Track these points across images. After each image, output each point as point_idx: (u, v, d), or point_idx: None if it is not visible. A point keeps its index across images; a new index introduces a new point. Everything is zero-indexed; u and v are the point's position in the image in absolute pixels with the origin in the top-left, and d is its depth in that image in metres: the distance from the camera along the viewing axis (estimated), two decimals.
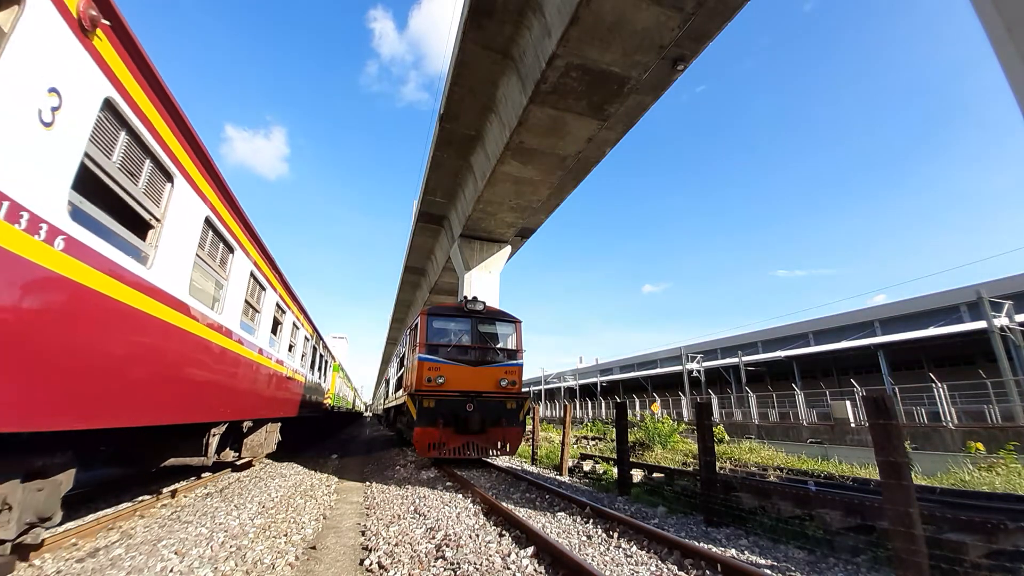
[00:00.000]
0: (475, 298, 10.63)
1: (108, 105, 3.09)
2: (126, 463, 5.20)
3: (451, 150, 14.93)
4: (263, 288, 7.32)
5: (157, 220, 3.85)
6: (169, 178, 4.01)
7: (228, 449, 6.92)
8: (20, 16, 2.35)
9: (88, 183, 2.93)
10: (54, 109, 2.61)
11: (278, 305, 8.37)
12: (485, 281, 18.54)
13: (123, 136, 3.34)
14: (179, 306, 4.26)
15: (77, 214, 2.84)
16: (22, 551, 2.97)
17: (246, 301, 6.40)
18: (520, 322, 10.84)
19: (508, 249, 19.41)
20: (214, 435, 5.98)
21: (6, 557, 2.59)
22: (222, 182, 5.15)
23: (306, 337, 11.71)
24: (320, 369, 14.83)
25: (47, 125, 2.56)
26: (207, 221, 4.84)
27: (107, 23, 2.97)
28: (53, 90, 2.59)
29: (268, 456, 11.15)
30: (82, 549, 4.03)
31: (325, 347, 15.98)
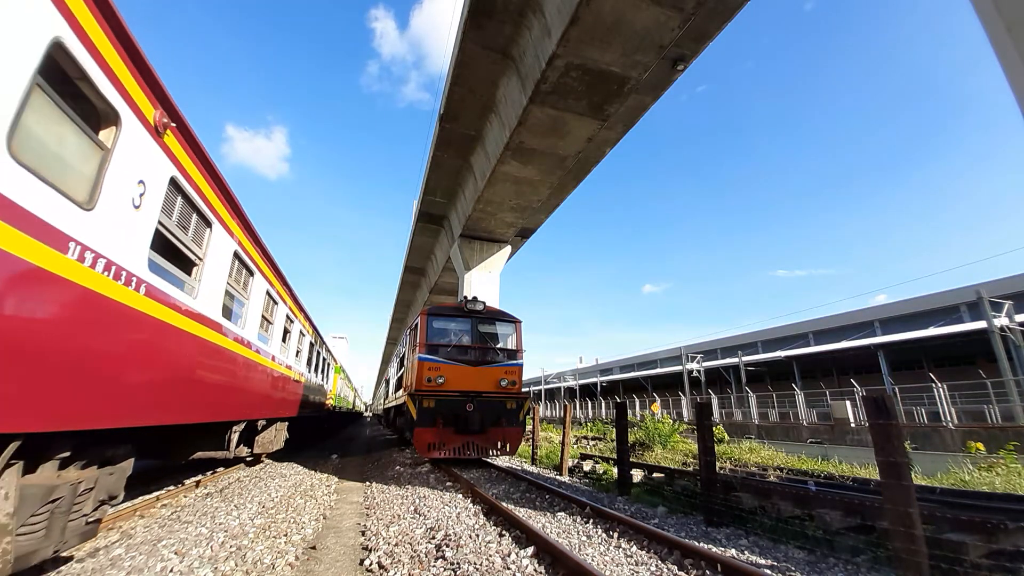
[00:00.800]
0: (475, 298, 10.63)
1: (172, 182, 3.99)
2: (163, 456, 5.93)
3: (451, 150, 14.93)
4: (275, 302, 8.19)
5: (200, 259, 4.76)
6: (208, 224, 4.87)
7: (242, 445, 7.51)
8: (119, 133, 3.13)
9: (158, 241, 3.83)
10: (141, 195, 3.47)
11: (287, 316, 9.21)
12: (485, 281, 18.54)
13: (180, 200, 4.26)
14: (214, 325, 5.14)
15: (152, 266, 3.74)
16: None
17: (262, 315, 7.30)
18: (520, 322, 10.84)
19: (508, 249, 19.41)
20: (235, 432, 6.81)
21: (89, 526, 3.43)
22: (246, 219, 6.07)
23: (311, 343, 12.51)
24: (322, 371, 15.50)
25: (136, 208, 3.43)
26: (235, 254, 5.78)
27: (173, 124, 3.87)
28: (140, 181, 3.46)
29: (269, 456, 11.22)
30: (82, 549, 4.03)
31: (327, 350, 16.64)
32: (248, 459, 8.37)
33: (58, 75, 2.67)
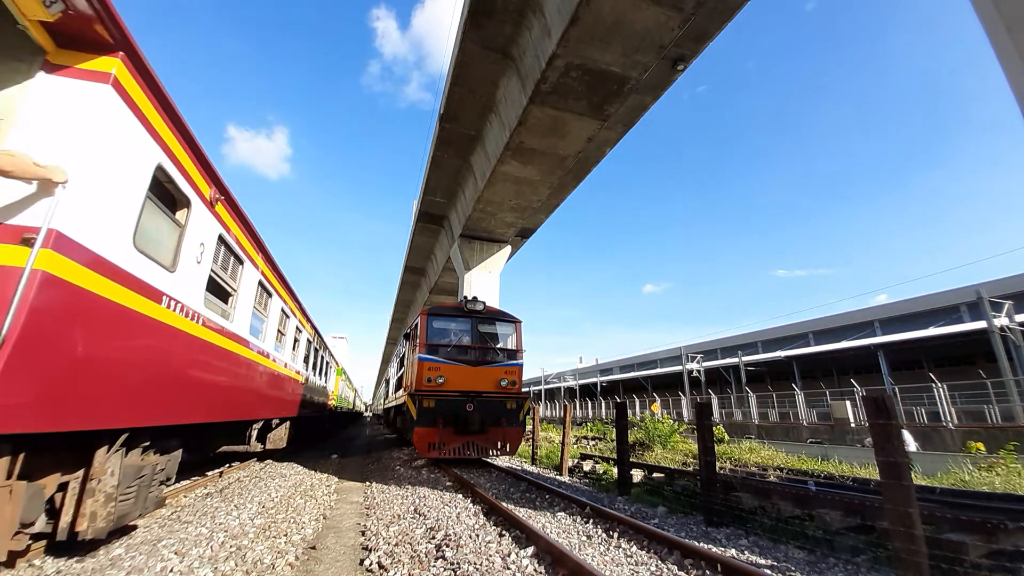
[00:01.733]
0: (475, 298, 10.63)
1: (219, 238, 5.24)
2: (199, 449, 6.83)
3: (451, 150, 14.93)
4: (287, 316, 9.36)
5: (235, 290, 5.99)
6: (241, 262, 6.14)
7: (255, 441, 8.37)
8: (190, 213, 4.39)
9: (210, 284, 5.02)
10: (201, 253, 4.67)
11: (297, 327, 10.34)
12: (485, 281, 18.54)
13: (223, 250, 5.51)
14: (244, 342, 6.34)
15: (207, 302, 4.98)
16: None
17: (278, 329, 8.47)
18: (520, 322, 10.84)
19: (508, 249, 19.41)
20: (254, 429, 7.99)
21: (158, 499, 4.59)
22: (267, 251, 7.19)
23: (316, 349, 13.60)
24: (325, 374, 16.51)
25: (198, 263, 4.64)
26: (259, 283, 7.00)
27: (222, 197, 5.14)
28: (202, 243, 4.70)
29: (269, 456, 11.26)
30: (82, 549, 4.02)
31: (329, 353, 17.64)
32: (260, 452, 9.10)
33: (158, 186, 3.87)
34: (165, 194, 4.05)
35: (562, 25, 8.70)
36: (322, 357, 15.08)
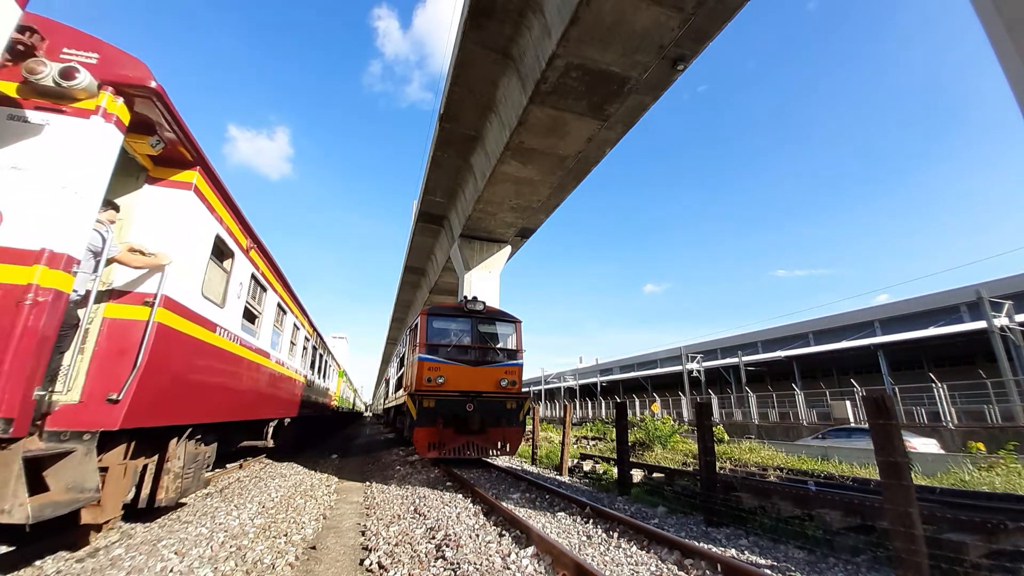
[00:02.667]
0: (475, 298, 10.63)
1: (252, 276, 6.56)
2: (226, 443, 7.41)
3: (451, 150, 14.93)
4: (298, 328, 10.45)
5: (260, 313, 7.23)
6: (264, 290, 7.41)
7: (270, 437, 9.19)
8: (233, 262, 5.70)
9: (245, 312, 6.35)
10: (239, 290, 6.00)
11: (305, 337, 11.48)
12: (485, 281, 18.54)
13: (254, 283, 6.77)
14: (265, 354, 7.56)
15: (243, 327, 6.29)
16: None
17: (291, 341, 9.70)
18: (520, 322, 10.84)
19: (508, 249, 19.41)
20: (270, 427, 8.99)
21: (202, 480, 5.61)
22: (283, 277, 8.62)
23: (320, 354, 14.86)
24: (328, 376, 17.68)
25: (238, 298, 5.97)
26: (278, 304, 8.34)
27: (255, 246, 6.53)
28: (240, 283, 6.00)
29: (268, 456, 11.35)
30: (82, 549, 4.03)
31: (332, 357, 18.89)
32: (271, 447, 9.80)
33: (215, 248, 5.15)
34: (219, 252, 5.35)
35: (562, 25, 8.70)
36: (326, 361, 16.31)
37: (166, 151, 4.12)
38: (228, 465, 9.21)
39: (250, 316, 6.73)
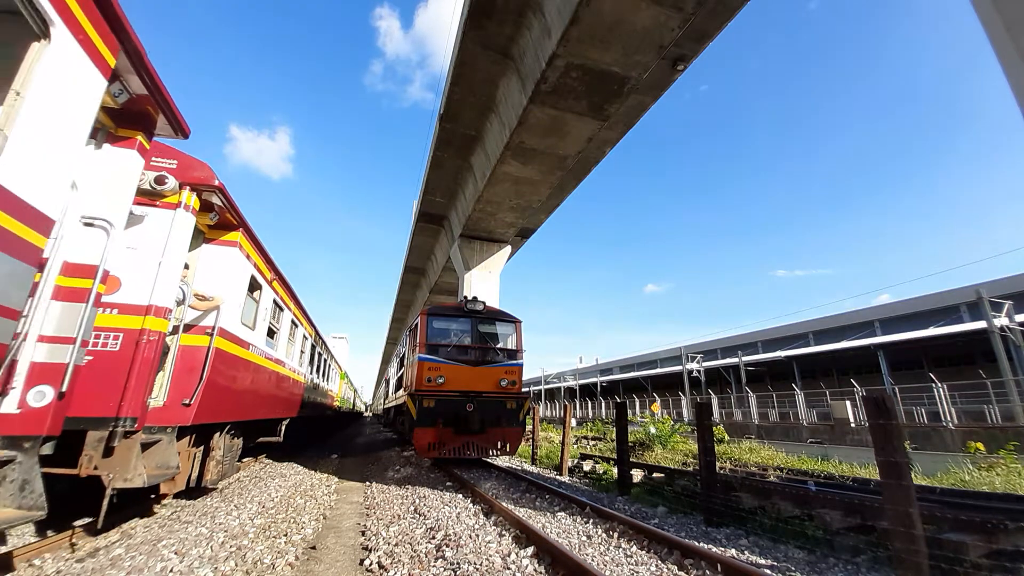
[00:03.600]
0: (475, 298, 10.63)
1: (273, 301, 7.99)
2: (248, 437, 8.39)
3: (451, 150, 14.92)
4: (306, 338, 11.95)
5: (277, 329, 8.65)
6: (281, 310, 8.83)
7: (283, 434, 10.30)
8: (262, 292, 7.32)
9: (268, 330, 7.77)
10: (265, 314, 7.57)
11: (312, 345, 13.10)
12: (485, 281, 18.53)
13: (274, 306, 8.20)
14: (281, 363, 8.98)
15: (266, 343, 7.75)
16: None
17: (300, 350, 11.04)
18: (520, 322, 10.84)
19: (508, 249, 19.40)
20: (283, 425, 10.16)
21: (234, 467, 7.26)
22: (296, 298, 10.01)
23: (324, 359, 16.28)
24: (331, 379, 19.27)
25: (264, 320, 7.46)
26: (292, 321, 9.86)
27: (276, 277, 7.90)
28: (266, 308, 7.57)
29: (268, 456, 11.37)
30: (82, 549, 4.03)
31: (334, 360, 20.39)
32: (281, 442, 10.72)
33: (249, 285, 6.51)
34: (252, 287, 6.74)
35: (562, 25, 8.70)
36: (328, 365, 17.94)
37: (219, 220, 5.66)
38: (245, 459, 9.89)
39: (271, 333, 8.21)
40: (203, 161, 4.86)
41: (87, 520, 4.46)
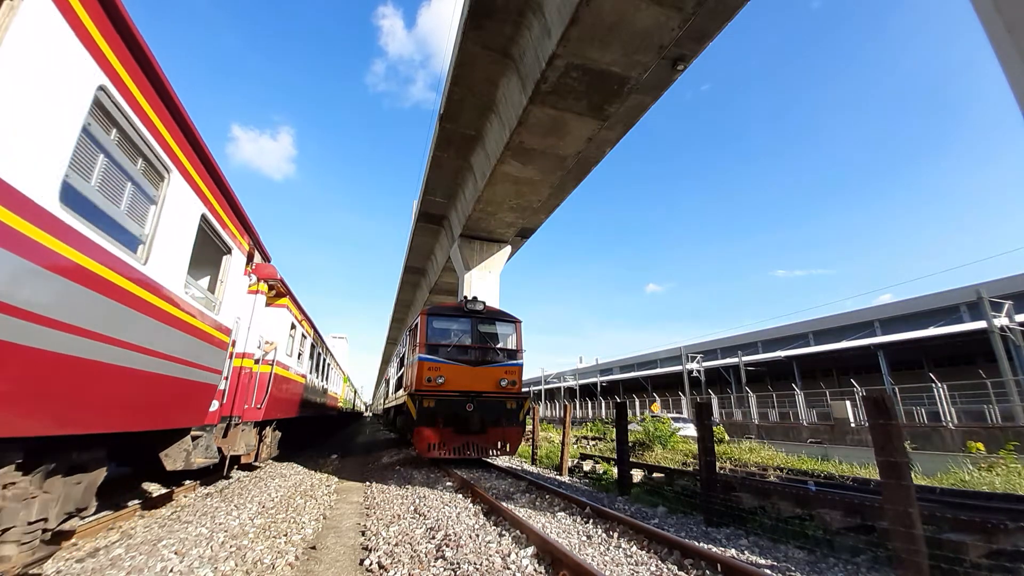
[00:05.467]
0: (475, 298, 10.63)
1: (302, 334, 11.00)
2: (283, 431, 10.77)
3: (451, 150, 14.93)
4: (320, 355, 15.01)
5: (303, 352, 11.33)
6: (306, 338, 11.41)
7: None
8: (295, 330, 10.17)
9: (298, 354, 10.85)
10: (296, 343, 10.49)
11: (323, 358, 15.72)
12: (485, 281, 18.54)
13: (301, 337, 10.97)
14: (303, 376, 11.42)
15: (296, 362, 10.67)
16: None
17: (316, 365, 14.00)
18: (520, 322, 10.83)
19: (508, 249, 19.40)
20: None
21: (277, 451, 10.54)
22: (313, 325, 12.36)
23: (329, 365, 18.19)
24: (335, 383, 21.41)
25: (301, 346, 11.20)
26: (311, 344, 12.43)
27: (304, 317, 10.95)
28: (299, 340, 10.82)
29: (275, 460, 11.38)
30: (82, 549, 4.03)
31: (337, 365, 22.51)
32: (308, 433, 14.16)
33: (290, 327, 9.52)
34: (291, 328, 9.44)
35: (562, 25, 8.70)
36: (332, 370, 20.46)
37: (275, 292, 8.18)
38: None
39: (298, 355, 10.80)
40: (272, 265, 7.12)
41: (84, 522, 4.46)
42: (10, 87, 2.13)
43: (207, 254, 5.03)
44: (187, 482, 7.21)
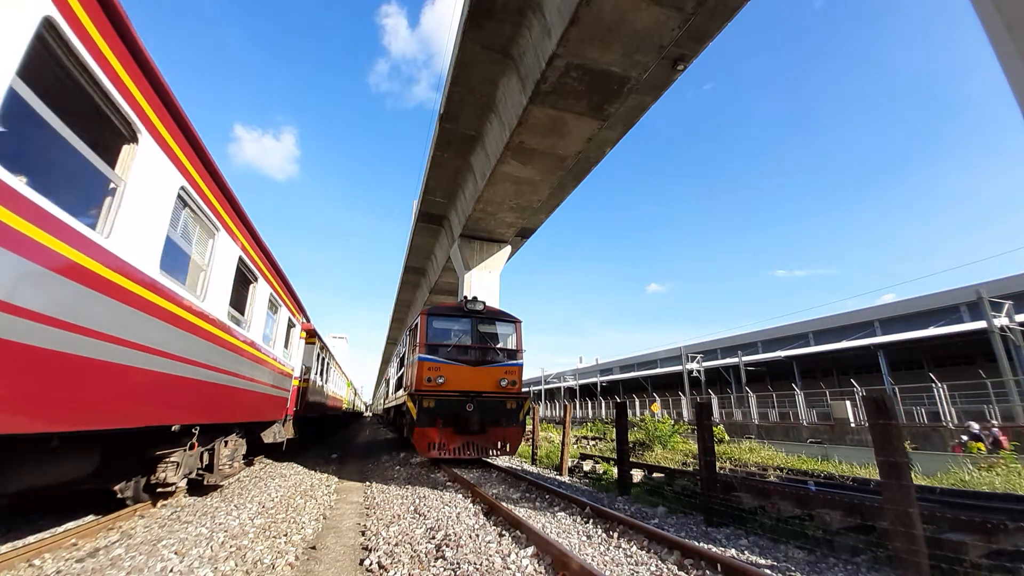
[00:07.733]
0: (475, 298, 10.63)
1: (323, 359, 15.75)
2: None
3: (451, 150, 14.92)
4: (333, 369, 18.79)
5: (324, 368, 16.06)
6: (325, 357, 16.26)
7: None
8: (314, 349, 13.58)
9: (320, 371, 15.44)
10: (316, 360, 14.09)
11: (327, 365, 17.53)
12: (485, 281, 18.53)
13: (320, 353, 14.74)
14: (332, 393, 19.10)
15: (319, 375, 15.13)
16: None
17: (331, 377, 17.99)
18: (520, 322, 10.84)
19: (508, 249, 19.40)
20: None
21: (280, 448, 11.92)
22: (325, 345, 16.18)
23: (334, 372, 20.54)
24: (341, 388, 23.81)
25: (319, 364, 14.92)
26: (329, 362, 17.38)
27: (324, 345, 16.16)
28: (314, 357, 13.69)
29: (268, 456, 11.40)
30: (82, 549, 4.03)
31: (342, 371, 24.96)
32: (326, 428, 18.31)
33: (317, 356, 14.66)
34: (318, 357, 14.07)
35: (562, 25, 8.69)
36: (340, 377, 23.71)
37: (309, 334, 12.51)
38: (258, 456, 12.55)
39: (317, 372, 13.86)
40: (311, 324, 12.26)
41: (84, 522, 4.41)
42: (140, 205, 3.58)
43: (288, 331, 9.78)
44: (181, 483, 7.21)
